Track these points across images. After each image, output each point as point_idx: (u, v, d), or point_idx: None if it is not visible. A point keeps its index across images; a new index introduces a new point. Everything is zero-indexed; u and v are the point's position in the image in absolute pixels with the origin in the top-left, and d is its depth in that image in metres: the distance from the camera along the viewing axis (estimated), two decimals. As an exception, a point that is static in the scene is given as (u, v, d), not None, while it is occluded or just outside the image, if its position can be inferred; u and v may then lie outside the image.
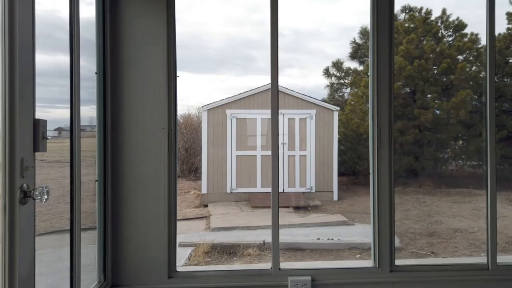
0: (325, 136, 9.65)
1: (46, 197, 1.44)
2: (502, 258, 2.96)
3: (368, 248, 6.59)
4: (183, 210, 8.31)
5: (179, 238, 6.43)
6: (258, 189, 8.90)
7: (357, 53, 12.38)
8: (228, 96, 9.30)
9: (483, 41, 10.89)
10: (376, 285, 2.64)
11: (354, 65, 12.62)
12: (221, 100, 9.09)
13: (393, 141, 2.70)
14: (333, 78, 12.63)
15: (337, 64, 12.36)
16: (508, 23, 10.87)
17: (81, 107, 2.06)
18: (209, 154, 8.94)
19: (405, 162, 10.30)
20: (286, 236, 6.95)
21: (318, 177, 9.44)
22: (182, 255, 5.69)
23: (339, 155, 9.89)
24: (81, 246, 2.03)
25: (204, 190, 8.87)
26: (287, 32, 12.13)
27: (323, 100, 11.26)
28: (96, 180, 2.36)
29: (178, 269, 2.54)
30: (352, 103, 11.15)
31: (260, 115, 9.20)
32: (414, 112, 10.12)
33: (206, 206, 8.58)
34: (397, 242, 6.73)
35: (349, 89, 12.52)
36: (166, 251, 2.48)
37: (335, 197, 9.33)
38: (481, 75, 10.51)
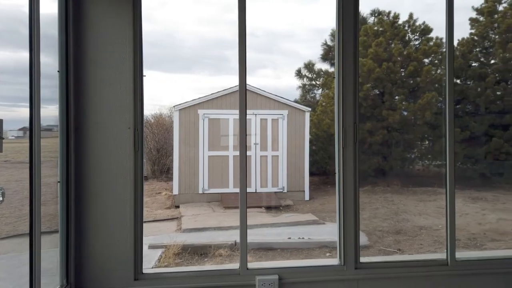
0: (297, 136, 9.76)
1: (0, 199, 1.39)
2: (464, 254, 3.10)
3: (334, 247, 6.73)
4: (154, 212, 8.19)
5: (149, 240, 6.36)
6: (231, 189, 8.89)
7: (328, 55, 12.60)
8: (200, 96, 9.24)
9: (447, 45, 11.35)
10: (342, 282, 2.70)
11: (325, 66, 12.84)
12: (193, 100, 9.02)
13: (358, 141, 2.77)
14: (305, 79, 12.79)
15: (309, 66, 12.54)
16: (471, 28, 11.36)
17: (47, 106, 2.00)
18: (180, 154, 8.85)
19: (374, 162, 10.55)
20: (258, 236, 6.99)
21: (290, 177, 9.54)
22: (152, 257, 5.61)
23: (310, 155, 10.02)
24: (42, 250, 1.97)
25: (175, 191, 8.78)
26: (260, 33, 12.18)
27: (295, 101, 11.39)
28: (58, 182, 2.30)
29: (145, 271, 2.51)
30: (323, 104, 11.33)
31: (233, 115, 9.19)
32: (382, 113, 10.39)
33: (177, 207, 8.49)
34: (365, 240, 6.92)
35: (320, 90, 12.71)
36: (132, 253, 2.44)
37: (307, 197, 9.45)
38: (445, 78, 10.91)
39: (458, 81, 11.21)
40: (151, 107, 14.90)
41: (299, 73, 12.69)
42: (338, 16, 2.75)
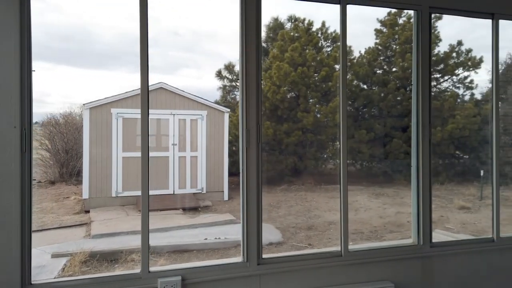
0: (216, 137, 9.79)
1: None
2: (356, 246, 3.38)
3: (253, 244, 6.88)
4: (61, 218, 7.60)
5: (53, 249, 5.89)
6: (147, 191, 8.59)
7: (248, 57, 12.79)
8: (114, 94, 8.80)
9: (356, 53, 12.30)
10: (245, 279, 2.78)
11: (245, 68, 13.03)
12: (105, 98, 8.55)
13: (261, 142, 2.88)
14: (225, 80, 12.88)
15: (229, 67, 12.65)
16: (376, 38, 12.43)
17: None
18: (91, 156, 8.34)
19: (290, 162, 11.00)
20: (174, 238, 6.88)
21: (209, 177, 9.53)
22: (55, 266, 5.21)
23: (230, 155, 10.12)
24: None
25: (85, 195, 8.24)
26: (184, 31, 11.98)
27: (216, 102, 11.41)
28: None
29: (35, 281, 2.33)
30: (243, 105, 11.50)
31: (150, 115, 8.89)
32: (298, 115, 10.88)
33: (87, 212, 7.98)
34: (279, 236, 7.19)
35: (240, 91, 12.88)
36: (19, 263, 2.25)
37: (226, 197, 9.52)
38: (354, 83, 11.81)
39: (365, 86, 12.20)
40: (60, 105, 13.80)
41: (219, 74, 12.74)
42: (241, 20, 2.83)
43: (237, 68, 13.35)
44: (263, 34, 13.14)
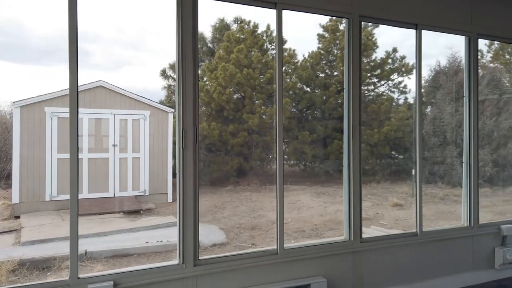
0: (159, 138, 9.57)
1: None
2: (302, 243, 3.48)
3: (196, 246, 6.82)
4: (-14, 224, 7.01)
5: (-24, 258, 5.42)
6: (85, 195, 8.20)
7: (194, 57, 12.66)
8: (49, 92, 8.29)
9: (300, 56, 12.65)
10: (181, 281, 2.76)
11: (191, 68, 12.87)
12: (38, 96, 8.03)
13: (198, 142, 2.87)
14: (170, 79, 12.64)
15: (174, 66, 12.43)
16: (319, 43, 12.87)
17: None
18: (22, 157, 7.78)
19: (236, 163, 11.06)
20: (114, 242, 6.63)
21: (152, 179, 9.29)
22: (-23, 277, 4.80)
23: (174, 156, 9.94)
24: None
25: (15, 200, 7.67)
26: (128, 28, 11.55)
27: (161, 102, 11.15)
28: None
29: None
30: (188, 105, 11.36)
31: (88, 114, 8.52)
32: (243, 116, 10.96)
33: (18, 217, 7.44)
34: (223, 237, 7.20)
35: (186, 92, 12.70)
36: None
37: (170, 199, 9.34)
38: (298, 85, 12.14)
39: (308, 89, 12.58)
40: (-13, 103, 12.73)
41: (164, 74, 12.47)
42: (177, 21, 2.81)
43: (183, 68, 13.18)
44: (209, 34, 13.09)
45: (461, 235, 3.89)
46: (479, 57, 4.18)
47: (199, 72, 2.86)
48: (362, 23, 3.45)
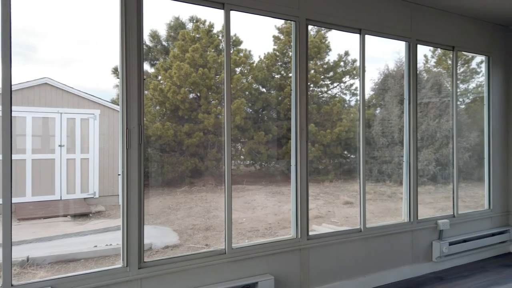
0: (111, 138, 9.25)
1: None
2: (251, 242, 3.50)
3: (148, 248, 6.68)
4: None
5: None
6: (28, 198, 7.76)
7: (148, 55, 12.41)
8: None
9: (256, 57, 12.75)
10: (125, 284, 2.70)
11: (145, 67, 12.57)
12: (-25, 93, 7.47)
13: (144, 142, 2.82)
14: (123, 78, 12.26)
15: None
16: (274, 45, 13.04)
17: None
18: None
19: (191, 163, 10.93)
20: (59, 247, 6.33)
21: (102, 181, 8.96)
22: None
23: (127, 157, 9.64)
24: None
25: None
26: (78, 23, 11.03)
27: (113, 101, 10.79)
28: None
29: None
30: (142, 105, 11.09)
31: (32, 113, 8.06)
32: (199, 116, 10.87)
33: (-49, 223, 6.88)
34: (176, 239, 7.09)
35: (139, 90, 12.39)
36: None
37: (121, 201, 9.04)
38: (254, 86, 12.22)
39: (264, 90, 12.71)
40: None
41: (116, 71, 12.07)
42: (121, 17, 2.74)
43: (136, 66, 12.83)
44: (164, 32, 12.84)
45: (401, 230, 4.10)
46: (424, 62, 4.44)
47: (153, 70, 2.80)
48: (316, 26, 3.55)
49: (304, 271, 3.47)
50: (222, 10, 3.14)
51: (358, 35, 3.86)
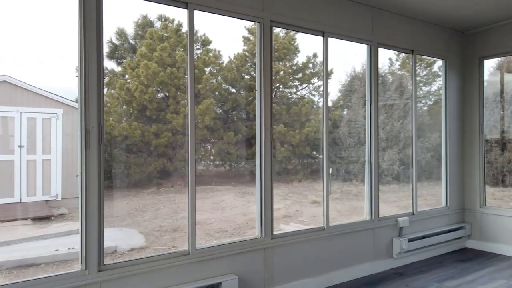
0: (75, 138, 8.96)
1: None
2: (215, 243, 3.49)
3: (113, 251, 6.53)
4: None
5: None
6: (-15, 201, 7.40)
7: (114, 53, 12.12)
8: None
9: (225, 57, 12.73)
10: (83, 288, 2.63)
11: (111, 65, 12.30)
12: None
13: (103, 143, 2.76)
14: (88, 76, 11.91)
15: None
16: (244, 45, 13.06)
17: None
18: None
19: (159, 164, 10.77)
20: (20, 252, 6.07)
21: (65, 182, 8.66)
22: None
23: (91, 158, 9.38)
24: None
25: None
26: (40, 21, 10.62)
27: (77, 100, 10.45)
28: None
29: None
30: (108, 104, 10.84)
31: (-10, 112, 7.70)
32: (167, 117, 10.72)
33: None
34: (142, 241, 6.97)
35: (105, 89, 12.10)
36: None
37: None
38: (223, 86, 12.20)
39: (234, 90, 12.71)
40: None
41: (81, 70, 11.71)
42: (79, 13, 2.67)
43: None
44: (131, 30, 12.59)
45: (363, 228, 4.22)
46: (389, 64, 4.59)
47: (120, 69, 2.74)
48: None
49: (268, 270, 3.50)
50: (186, 10, 3.13)
51: (321, 37, 3.94)
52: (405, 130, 11.96)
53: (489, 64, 5.47)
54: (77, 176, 2.71)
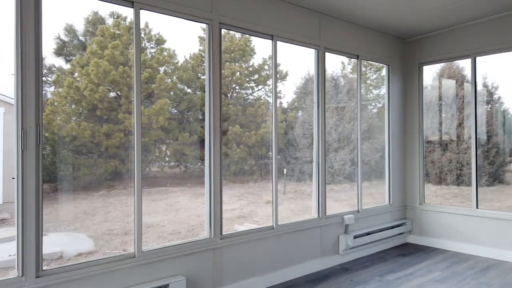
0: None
1: None
2: (162, 245, 3.45)
3: (58, 257, 6.26)
4: None
5: None
6: None
7: (62, 50, 11.58)
8: None
9: (180, 57, 12.58)
10: (19, 296, 2.52)
11: (59, 62, 11.74)
12: None
13: (42, 144, 2.66)
14: (33, 74, 11.30)
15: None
16: (200, 45, 12.98)
17: None
18: None
19: (111, 165, 10.43)
20: (-48, 261, 5.64)
21: (6, 186, 8.16)
22: None
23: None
24: None
25: None
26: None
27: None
28: None
29: None
30: (56, 103, 10.34)
31: None
32: (119, 117, 10.41)
33: None
34: (91, 245, 6.73)
35: (52, 88, 11.54)
36: None
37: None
38: (179, 86, 12.05)
39: (189, 90, 12.59)
40: None
41: (25, 67, 11.09)
42: (16, 10, 2.56)
43: (49, 61, 11.93)
44: (81, 27, 12.11)
45: (311, 226, 4.36)
46: (341, 68, 4.77)
47: (69, 66, 2.63)
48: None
49: (217, 270, 3.53)
50: (132, 9, 3.09)
51: (270, 41, 4.03)
52: (356, 131, 12.51)
53: (433, 70, 5.87)
54: (13, 178, 2.59)
